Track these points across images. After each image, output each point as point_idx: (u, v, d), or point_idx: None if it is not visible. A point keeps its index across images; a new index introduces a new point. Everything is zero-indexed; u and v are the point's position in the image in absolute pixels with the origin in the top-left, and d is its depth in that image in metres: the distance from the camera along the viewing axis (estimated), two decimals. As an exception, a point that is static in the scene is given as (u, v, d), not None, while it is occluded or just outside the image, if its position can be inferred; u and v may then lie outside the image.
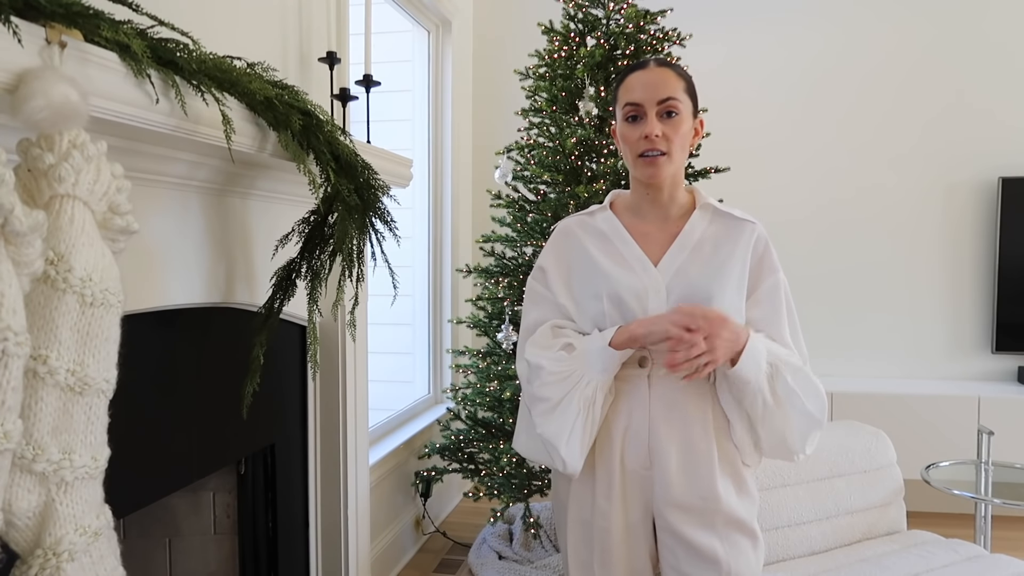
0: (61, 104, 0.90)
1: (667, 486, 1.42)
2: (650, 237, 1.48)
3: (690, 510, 1.41)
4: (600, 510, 1.45)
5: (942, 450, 3.26)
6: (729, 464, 1.44)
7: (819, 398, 1.41)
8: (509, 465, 2.68)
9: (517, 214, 2.82)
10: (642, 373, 1.44)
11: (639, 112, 1.42)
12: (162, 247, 1.40)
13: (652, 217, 1.49)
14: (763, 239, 1.47)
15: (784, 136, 3.77)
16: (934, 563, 2.10)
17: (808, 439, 1.42)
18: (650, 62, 1.46)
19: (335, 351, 2.14)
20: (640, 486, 1.45)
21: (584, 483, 1.48)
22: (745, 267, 1.44)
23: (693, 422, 1.42)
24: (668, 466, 1.42)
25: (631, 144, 1.43)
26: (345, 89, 2.08)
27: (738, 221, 1.47)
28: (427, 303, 3.68)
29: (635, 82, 1.43)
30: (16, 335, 0.84)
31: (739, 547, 1.42)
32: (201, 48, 1.26)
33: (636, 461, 1.44)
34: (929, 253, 3.68)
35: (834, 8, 3.70)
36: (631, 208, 1.52)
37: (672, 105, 1.41)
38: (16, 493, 0.93)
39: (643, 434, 1.43)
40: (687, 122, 1.44)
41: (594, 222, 1.53)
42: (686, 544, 1.42)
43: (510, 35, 3.94)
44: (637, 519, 1.46)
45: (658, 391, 1.43)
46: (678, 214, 1.49)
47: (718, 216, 1.48)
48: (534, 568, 2.74)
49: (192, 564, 1.93)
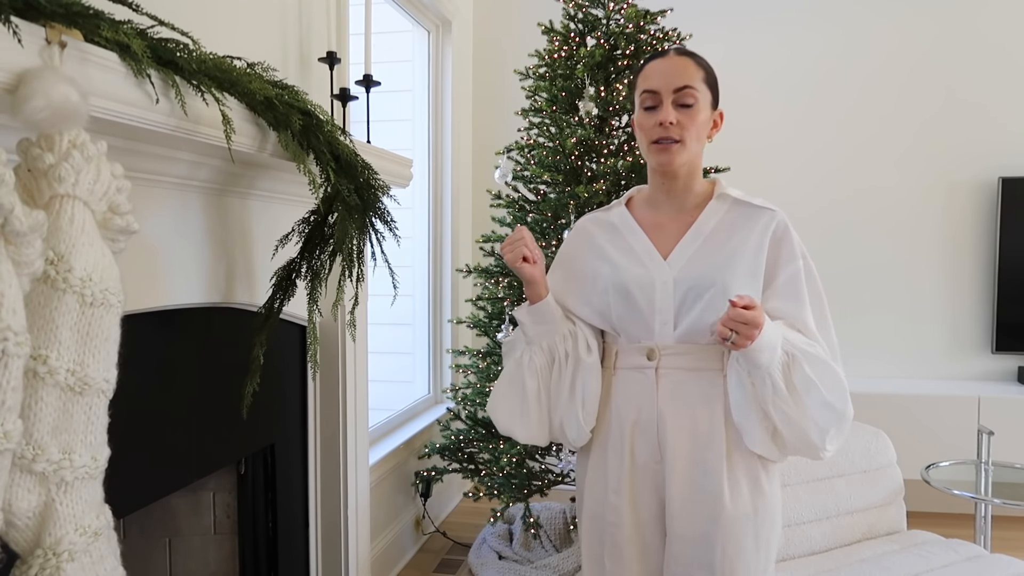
0: (61, 104, 0.90)
1: (675, 480, 1.40)
2: (663, 229, 1.47)
3: (694, 505, 1.40)
4: (610, 505, 1.45)
5: (942, 450, 3.25)
6: (742, 458, 1.40)
7: (840, 389, 1.36)
8: (509, 465, 2.68)
9: (517, 214, 2.82)
10: (650, 366, 1.43)
11: (655, 100, 1.41)
12: (162, 247, 1.40)
13: (667, 208, 1.48)
14: (782, 225, 1.42)
15: (784, 136, 3.77)
16: (934, 563, 2.10)
17: (829, 434, 1.37)
18: (671, 51, 1.45)
19: (335, 351, 2.14)
20: (651, 480, 1.43)
21: (596, 478, 1.49)
22: (760, 255, 1.40)
23: (702, 414, 1.40)
24: (678, 459, 1.40)
25: (646, 131, 1.42)
26: (345, 89, 2.08)
27: (756, 209, 1.44)
28: (427, 303, 3.68)
29: (653, 70, 1.43)
30: (16, 335, 0.84)
31: (740, 546, 1.40)
32: (201, 48, 1.26)
33: (647, 454, 1.43)
34: (929, 253, 3.68)
35: (834, 8, 3.70)
36: (648, 201, 1.52)
37: (689, 94, 1.39)
38: (16, 493, 0.93)
39: (652, 427, 1.42)
40: (704, 112, 1.42)
41: (608, 217, 1.54)
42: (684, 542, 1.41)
43: (510, 35, 3.93)
44: (649, 515, 1.44)
45: (666, 384, 1.42)
46: (694, 204, 1.47)
47: (736, 205, 1.45)
48: (534, 568, 2.74)
49: (192, 564, 1.93)
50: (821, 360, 1.37)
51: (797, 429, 1.36)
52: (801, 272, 1.41)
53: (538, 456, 2.75)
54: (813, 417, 1.35)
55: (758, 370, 1.32)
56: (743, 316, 1.25)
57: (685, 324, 1.41)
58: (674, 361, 1.42)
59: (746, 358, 1.32)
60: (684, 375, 1.41)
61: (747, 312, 1.25)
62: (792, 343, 1.35)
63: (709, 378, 1.41)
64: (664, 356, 1.42)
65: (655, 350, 1.42)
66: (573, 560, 2.72)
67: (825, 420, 1.36)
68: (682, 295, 1.40)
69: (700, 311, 1.39)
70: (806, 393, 1.34)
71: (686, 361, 1.42)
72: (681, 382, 1.41)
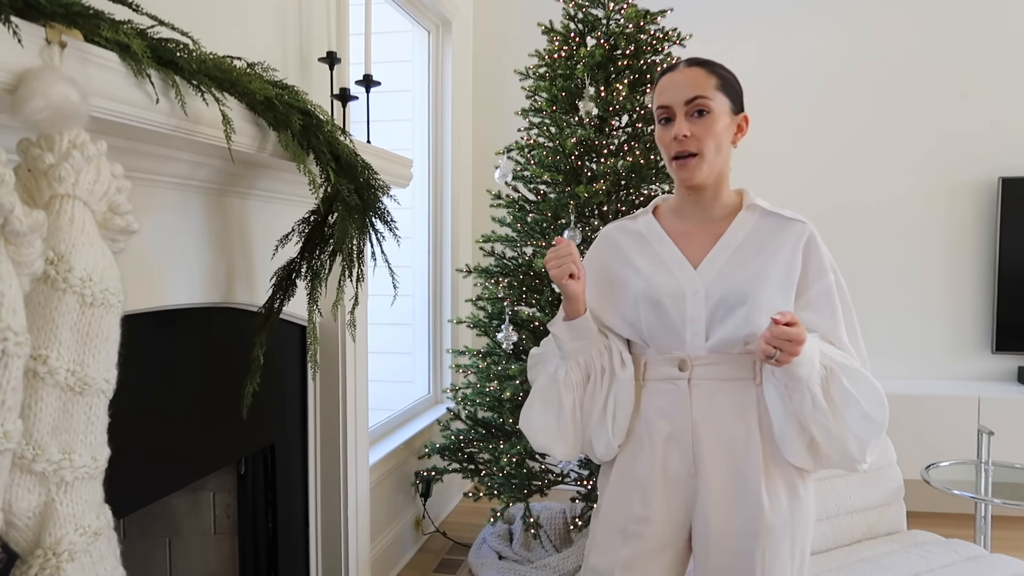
0: (61, 104, 0.90)
1: (711, 492, 1.38)
2: (692, 239, 1.45)
3: (734, 516, 1.37)
4: (635, 515, 1.42)
5: (942, 450, 3.26)
6: (779, 467, 1.39)
7: (879, 401, 1.35)
8: (509, 465, 2.68)
9: (517, 214, 2.82)
10: (682, 377, 1.41)
11: (669, 114, 1.41)
12: (162, 247, 1.40)
13: (695, 218, 1.47)
14: (813, 237, 1.41)
15: (784, 137, 3.77)
16: (934, 563, 2.10)
17: (869, 446, 1.36)
18: (681, 63, 1.44)
19: (335, 351, 2.14)
20: (683, 493, 1.41)
21: (620, 491, 1.46)
22: (793, 268, 1.39)
23: (738, 424, 1.38)
24: (714, 471, 1.38)
25: (665, 146, 1.42)
26: (345, 89, 2.08)
27: (786, 220, 1.43)
28: (427, 303, 3.68)
29: (665, 84, 1.42)
30: (16, 335, 0.84)
31: (777, 554, 1.37)
32: (201, 48, 1.26)
33: (681, 467, 1.41)
34: (929, 253, 3.68)
35: (835, 9, 3.70)
36: (675, 210, 1.50)
37: (701, 104, 1.38)
38: (16, 493, 0.93)
39: (687, 439, 1.40)
40: (722, 120, 1.40)
41: (635, 226, 1.52)
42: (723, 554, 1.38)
43: (510, 35, 3.93)
44: (678, 529, 1.43)
45: (699, 394, 1.40)
46: (723, 215, 1.46)
47: (766, 216, 1.44)
48: (534, 568, 2.74)
49: (192, 564, 1.93)
50: (859, 373, 1.35)
51: (836, 442, 1.34)
52: (833, 285, 1.41)
53: (538, 456, 2.75)
54: (853, 430, 1.34)
55: (798, 384, 1.30)
56: (787, 333, 1.23)
57: (718, 335, 1.39)
58: (706, 372, 1.40)
59: (786, 372, 1.29)
60: (717, 385, 1.39)
61: (790, 329, 1.23)
62: (830, 356, 1.34)
63: (742, 387, 1.39)
64: (696, 367, 1.40)
65: (687, 361, 1.40)
66: (573, 560, 2.72)
67: (865, 432, 1.34)
68: (714, 305, 1.38)
69: (733, 322, 1.37)
70: (845, 407, 1.33)
71: (718, 371, 1.40)
72: (714, 392, 1.40)
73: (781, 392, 1.34)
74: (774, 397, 1.36)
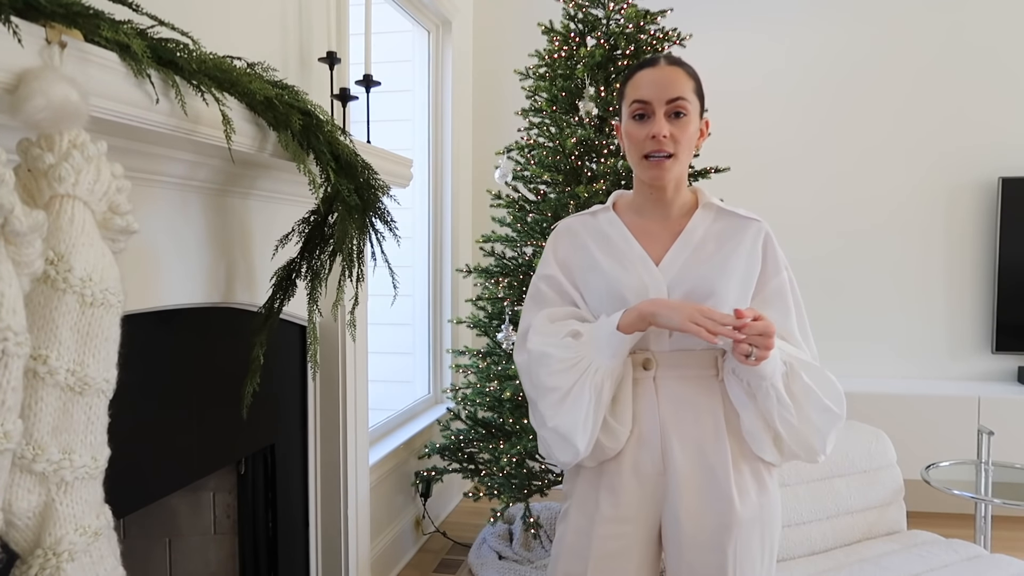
0: (61, 104, 0.90)
1: (681, 489, 1.39)
2: (652, 235, 1.46)
3: (705, 511, 1.38)
4: (605, 516, 1.42)
5: (942, 450, 3.26)
6: (747, 461, 1.41)
7: (836, 392, 1.39)
8: (509, 465, 2.68)
9: (517, 214, 2.82)
10: (647, 376, 1.41)
11: (647, 110, 1.40)
12: (162, 247, 1.40)
13: (655, 216, 1.47)
14: (769, 236, 1.45)
15: (784, 137, 3.77)
16: (934, 563, 2.10)
17: (829, 437, 1.40)
18: (660, 59, 1.43)
19: (335, 351, 2.14)
20: (653, 492, 1.41)
21: (588, 492, 1.45)
22: (752, 265, 1.42)
23: (705, 421, 1.40)
24: (683, 468, 1.39)
25: (637, 143, 1.41)
26: (345, 89, 2.08)
27: (743, 219, 1.46)
28: (427, 303, 3.68)
29: (644, 79, 1.41)
30: (16, 335, 0.84)
31: (749, 547, 1.39)
32: (201, 48, 1.26)
33: (650, 466, 1.41)
34: (929, 253, 3.68)
35: (835, 10, 3.70)
36: (633, 207, 1.50)
37: (681, 105, 1.39)
38: (16, 493, 0.93)
39: (655, 438, 1.40)
40: (694, 123, 1.42)
41: (596, 222, 1.51)
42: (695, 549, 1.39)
43: (510, 35, 3.93)
44: (648, 527, 1.43)
45: (666, 392, 1.41)
46: (680, 212, 1.47)
47: (722, 214, 1.47)
48: (534, 568, 2.74)
49: (192, 564, 1.93)
50: (816, 367, 1.40)
51: (799, 435, 1.38)
52: (787, 282, 1.45)
53: (538, 456, 2.75)
54: (814, 422, 1.38)
55: (761, 382, 1.33)
56: (760, 328, 1.26)
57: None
58: (671, 370, 1.41)
59: (750, 371, 1.32)
60: (682, 382, 1.40)
61: (762, 323, 1.26)
62: (788, 352, 1.38)
63: (706, 383, 1.41)
64: (661, 365, 1.41)
65: (651, 359, 1.41)
66: (573, 560, 2.72)
67: (825, 424, 1.39)
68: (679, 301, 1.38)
69: None
70: (806, 400, 1.37)
71: (683, 369, 1.41)
72: (680, 390, 1.40)
73: (745, 390, 1.37)
74: (740, 395, 1.38)
